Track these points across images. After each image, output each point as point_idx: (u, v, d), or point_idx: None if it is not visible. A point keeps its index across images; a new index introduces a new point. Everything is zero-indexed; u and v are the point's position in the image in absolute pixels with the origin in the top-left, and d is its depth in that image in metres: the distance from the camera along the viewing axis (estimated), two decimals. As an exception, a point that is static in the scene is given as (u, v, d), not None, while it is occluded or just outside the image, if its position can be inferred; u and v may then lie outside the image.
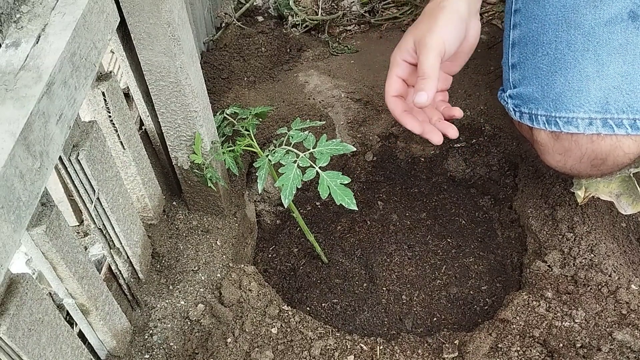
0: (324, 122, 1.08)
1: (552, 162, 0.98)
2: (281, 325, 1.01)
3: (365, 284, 1.25)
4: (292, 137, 0.98)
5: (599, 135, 0.90)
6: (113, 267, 0.92)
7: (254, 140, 1.04)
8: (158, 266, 1.06)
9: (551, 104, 0.93)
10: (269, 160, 0.96)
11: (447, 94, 1.05)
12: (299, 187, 0.91)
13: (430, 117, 0.99)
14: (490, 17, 1.60)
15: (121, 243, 0.91)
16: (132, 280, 0.97)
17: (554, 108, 0.93)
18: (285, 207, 0.96)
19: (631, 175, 0.98)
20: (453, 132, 0.96)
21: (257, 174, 0.95)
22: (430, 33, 0.91)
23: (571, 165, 0.95)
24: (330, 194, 0.91)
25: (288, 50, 1.56)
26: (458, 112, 0.99)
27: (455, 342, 1.01)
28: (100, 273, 0.89)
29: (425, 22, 0.94)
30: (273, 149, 0.97)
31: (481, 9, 1.63)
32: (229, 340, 0.97)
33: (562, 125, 0.92)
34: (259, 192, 1.13)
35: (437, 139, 0.96)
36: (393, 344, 1.01)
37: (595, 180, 1.01)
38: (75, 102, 0.69)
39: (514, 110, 1.00)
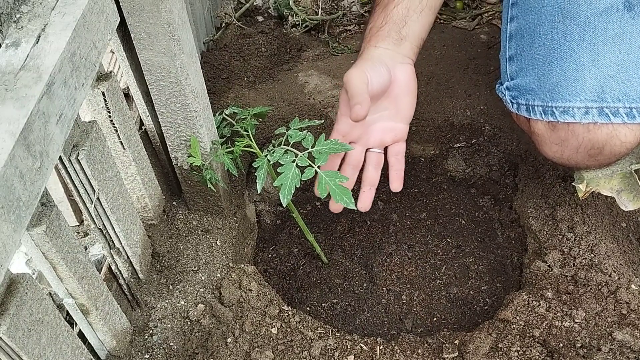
0: (323, 121, 1.08)
1: (549, 153, 0.98)
2: (281, 325, 1.01)
3: (365, 284, 1.25)
4: (291, 137, 0.98)
5: (595, 124, 0.90)
6: (113, 267, 0.92)
7: (253, 140, 1.04)
8: (158, 266, 1.06)
9: (547, 94, 0.94)
10: (268, 160, 0.96)
11: (404, 146, 1.08)
12: (298, 186, 0.91)
13: (364, 182, 1.07)
14: (490, 17, 1.60)
15: (121, 243, 0.91)
16: (132, 280, 0.97)
17: (550, 98, 0.93)
18: (284, 206, 0.96)
19: (632, 171, 0.99)
20: (361, 205, 1.05)
21: (256, 174, 0.95)
22: (353, 68, 0.99)
23: (568, 156, 0.96)
24: (329, 193, 0.91)
25: (288, 50, 1.56)
26: (395, 187, 1.06)
27: (455, 342, 1.01)
28: (100, 273, 0.89)
29: None
30: (272, 149, 0.97)
31: (481, 9, 1.63)
32: (229, 340, 0.97)
33: (558, 115, 0.93)
34: (258, 192, 1.13)
35: (333, 208, 1.06)
36: (393, 344, 1.01)
37: (596, 176, 1.01)
38: (75, 102, 0.69)
39: (511, 102, 1.01)
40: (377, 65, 1.00)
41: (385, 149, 1.08)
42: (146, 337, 0.97)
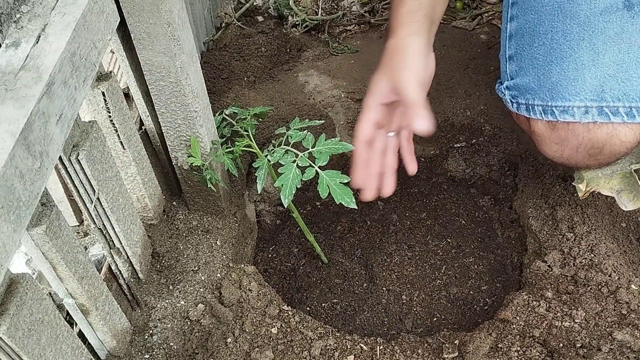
0: (323, 121, 1.08)
1: (549, 152, 0.98)
2: (281, 325, 1.01)
3: (365, 284, 1.25)
4: (291, 137, 0.98)
5: (595, 123, 0.90)
6: (113, 267, 0.92)
7: (253, 140, 1.04)
8: (158, 266, 1.06)
9: (547, 93, 0.94)
10: (268, 160, 0.96)
11: (412, 129, 1.01)
12: (299, 186, 0.91)
13: (385, 168, 0.99)
14: (490, 17, 1.60)
15: (121, 243, 0.91)
16: (132, 280, 0.97)
17: (550, 97, 0.93)
18: (285, 207, 0.96)
19: (632, 171, 0.99)
20: (388, 191, 0.98)
21: (256, 174, 0.96)
22: (406, 70, 0.92)
23: (568, 155, 0.96)
24: (330, 193, 0.91)
25: (288, 50, 1.56)
26: (412, 169, 1.00)
27: (455, 342, 1.01)
28: (100, 273, 0.89)
29: (395, 62, 0.94)
30: (272, 149, 0.97)
31: (481, 9, 1.63)
32: (229, 340, 0.97)
33: (558, 115, 0.93)
34: (258, 192, 1.13)
35: (368, 197, 0.97)
36: (393, 344, 1.01)
37: (596, 176, 1.01)
38: (75, 102, 0.69)
39: (511, 101, 1.01)
40: (425, 59, 0.94)
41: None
42: (146, 337, 0.97)
